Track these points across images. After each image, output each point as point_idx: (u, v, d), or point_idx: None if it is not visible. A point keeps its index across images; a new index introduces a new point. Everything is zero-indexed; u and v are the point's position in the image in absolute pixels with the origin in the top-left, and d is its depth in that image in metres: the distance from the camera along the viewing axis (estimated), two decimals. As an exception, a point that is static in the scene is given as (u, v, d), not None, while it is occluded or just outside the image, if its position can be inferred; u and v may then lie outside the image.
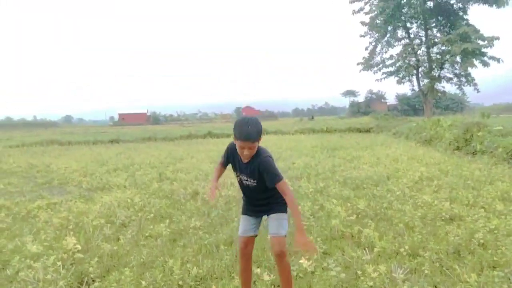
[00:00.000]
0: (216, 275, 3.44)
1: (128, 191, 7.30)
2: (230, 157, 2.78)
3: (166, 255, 3.90)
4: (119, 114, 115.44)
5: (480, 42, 26.13)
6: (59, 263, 3.61)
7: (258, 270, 3.33)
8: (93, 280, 3.43)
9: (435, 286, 3.05)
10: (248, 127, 2.47)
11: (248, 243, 2.79)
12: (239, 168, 2.72)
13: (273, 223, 2.72)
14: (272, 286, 3.13)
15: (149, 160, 12.36)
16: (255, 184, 2.67)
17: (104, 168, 10.93)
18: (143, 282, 3.19)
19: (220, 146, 17.38)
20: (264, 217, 2.88)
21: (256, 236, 2.85)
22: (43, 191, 7.77)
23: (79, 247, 3.99)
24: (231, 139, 2.83)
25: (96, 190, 7.80)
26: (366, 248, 3.85)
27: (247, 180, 2.71)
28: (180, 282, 3.26)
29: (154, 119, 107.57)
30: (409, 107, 77.12)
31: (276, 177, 2.54)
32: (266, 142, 18.58)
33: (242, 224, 2.84)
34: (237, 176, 2.78)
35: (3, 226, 5.24)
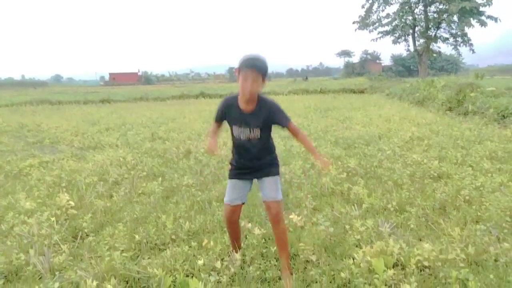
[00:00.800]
0: (208, 229, 3.52)
1: (120, 150, 7.29)
2: (226, 111, 2.61)
3: (159, 211, 3.96)
4: (110, 74, 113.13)
5: (478, 1, 25.60)
6: (53, 219, 3.66)
7: (249, 224, 3.41)
8: (87, 235, 3.50)
9: (420, 239, 3.16)
10: (256, 58, 2.41)
11: (235, 211, 2.69)
12: (239, 121, 2.55)
13: (269, 187, 2.61)
14: (263, 239, 3.21)
15: (141, 120, 12.27)
16: (259, 133, 2.55)
17: (96, 127, 10.86)
18: (137, 236, 3.26)
19: (212, 106, 17.22)
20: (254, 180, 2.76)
21: (243, 204, 2.72)
22: (34, 150, 7.74)
23: (72, 203, 4.03)
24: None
25: (88, 149, 7.79)
26: (355, 204, 3.94)
27: (249, 133, 2.55)
28: (173, 236, 3.33)
29: (146, 79, 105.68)
30: (404, 68, 76.45)
31: (288, 117, 2.57)
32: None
33: (230, 191, 2.68)
34: (236, 132, 2.60)
35: (-4, 183, 5.25)
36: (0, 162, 6.57)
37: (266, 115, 2.53)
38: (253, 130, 2.55)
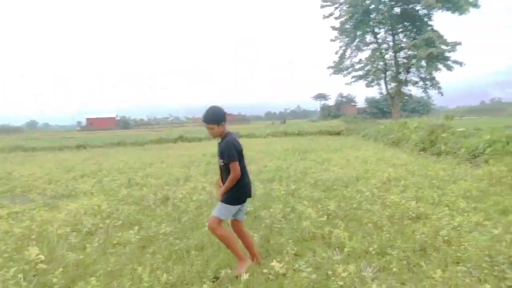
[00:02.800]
0: (186, 281, 3.37)
1: (95, 198, 7.07)
2: None
3: (135, 262, 3.79)
4: (87, 119, 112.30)
5: (444, 47, 27.32)
6: (20, 275, 3.43)
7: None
8: (56, 291, 3.28)
9: (403, 284, 3.13)
10: (205, 113, 3.47)
11: (235, 226, 3.72)
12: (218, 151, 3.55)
13: (216, 206, 3.55)
14: None
15: (118, 165, 12.05)
16: (222, 162, 3.48)
17: (71, 174, 10.56)
18: (110, 291, 3.09)
19: (191, 151, 17.20)
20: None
21: (235, 220, 3.69)
22: (4, 200, 7.41)
23: (42, 257, 3.81)
24: (203, 143, 3.61)
25: (62, 197, 7.52)
26: (337, 249, 3.89)
27: (220, 160, 3.52)
28: (149, 290, 3.17)
29: (124, 123, 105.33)
30: (377, 110, 79.26)
31: (230, 157, 3.40)
32: (238, 146, 18.54)
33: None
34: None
35: (-41, 237, 4.94)
36: (-35, 213, 6.23)
37: (221, 149, 3.50)
38: (220, 159, 3.51)
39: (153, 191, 7.38)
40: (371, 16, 30.79)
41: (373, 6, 30.25)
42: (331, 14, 31.19)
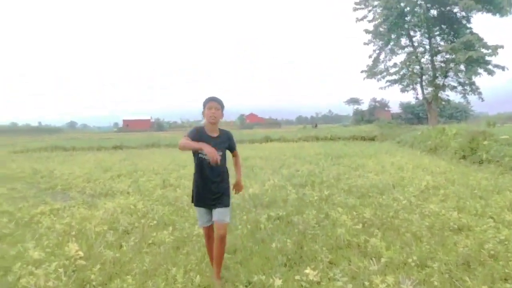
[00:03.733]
0: (220, 284, 3.36)
1: (131, 197, 7.25)
2: (197, 135, 3.24)
3: (169, 263, 3.84)
4: (124, 121, 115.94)
5: (484, 51, 26.07)
6: (61, 270, 3.56)
7: (263, 277, 3.25)
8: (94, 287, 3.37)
9: (445, 299, 2.97)
10: (214, 96, 3.33)
11: (209, 230, 3.46)
12: (208, 143, 3.14)
13: (220, 213, 3.27)
14: None
15: (153, 166, 12.33)
16: (221, 156, 3.23)
17: (108, 174, 10.91)
18: (146, 291, 3.13)
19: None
20: None
21: (213, 224, 3.37)
22: (46, 197, 7.74)
23: (81, 253, 3.94)
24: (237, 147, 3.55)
25: (99, 196, 7.76)
26: (373, 258, 3.77)
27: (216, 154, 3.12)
28: (184, 291, 3.19)
29: (158, 125, 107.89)
30: (413, 115, 76.84)
31: (235, 145, 3.52)
32: (270, 149, 18.53)
33: (200, 216, 3.45)
34: (204, 155, 3.20)
35: (6, 231, 5.21)
36: (11, 209, 6.57)
37: (227, 139, 3.41)
38: (218, 152, 3.14)
39: (186, 192, 7.48)
40: (406, 18, 29.86)
41: (408, 8, 29.35)
42: (364, 17, 30.54)
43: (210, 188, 3.30)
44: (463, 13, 28.20)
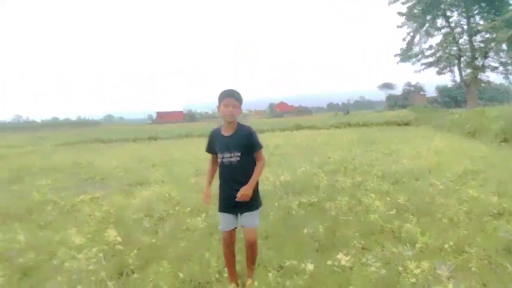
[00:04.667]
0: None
1: (166, 186, 7.46)
2: (213, 141, 3.09)
3: (203, 248, 3.93)
4: (157, 113, 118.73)
5: (529, 27, 24.46)
6: (101, 255, 3.74)
7: (295, 262, 3.28)
8: (132, 272, 3.52)
9: (484, 285, 2.88)
10: (232, 90, 2.95)
11: (230, 236, 3.09)
12: (222, 146, 3.00)
13: (248, 218, 3.03)
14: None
15: (186, 156, 12.60)
16: (239, 157, 2.95)
17: (143, 164, 11.26)
18: (181, 274, 3.23)
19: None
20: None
21: (236, 228, 3.12)
22: (86, 186, 8.11)
23: (119, 239, 4.11)
24: (265, 134, 3.13)
25: (136, 185, 8.03)
26: (408, 244, 3.69)
27: (230, 157, 2.96)
28: (217, 275, 3.27)
29: (190, 116, 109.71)
30: (450, 99, 73.62)
31: (260, 144, 3.01)
32: (301, 137, 18.40)
33: (223, 220, 3.10)
34: (220, 157, 3.01)
35: (50, 219, 5.51)
36: (55, 198, 6.92)
37: (246, 139, 2.97)
38: (234, 153, 2.96)
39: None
40: (442, -1, 28.49)
41: (444, -12, 27.97)
42: (397, -1, 29.43)
43: (234, 191, 2.95)
44: (505, -11, 26.53)
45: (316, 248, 3.82)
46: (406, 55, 30.69)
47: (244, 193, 2.89)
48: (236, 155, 2.95)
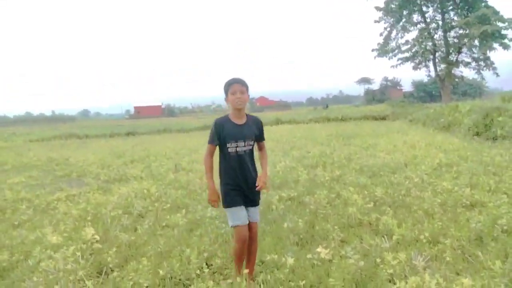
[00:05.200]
0: (233, 264, 3.43)
1: (144, 182, 7.37)
2: (221, 130, 2.90)
3: (183, 244, 3.91)
4: (135, 108, 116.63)
5: (500, 24, 25.30)
6: (78, 253, 3.66)
7: (275, 256, 3.31)
8: (111, 270, 3.47)
9: (458, 273, 2.98)
10: (237, 77, 2.91)
11: (247, 231, 2.92)
12: (236, 134, 2.87)
13: (254, 212, 3.04)
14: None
15: (165, 151, 12.45)
16: (251, 145, 2.96)
17: (121, 160, 11.07)
18: (161, 272, 3.21)
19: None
20: None
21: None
22: (62, 184, 7.92)
23: (97, 237, 4.04)
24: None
25: (114, 181, 7.90)
26: (385, 236, 3.78)
27: (244, 146, 2.90)
28: (198, 272, 3.26)
29: (169, 111, 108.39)
30: (425, 93, 75.47)
31: (264, 135, 3.12)
32: (280, 131, 18.49)
33: (239, 214, 2.88)
34: (232, 147, 2.88)
35: (25, 217, 5.36)
36: (29, 196, 6.73)
37: (257, 126, 3.01)
38: (247, 142, 2.92)
39: (198, 176, 7.56)
40: (418, -6, 29.08)
41: (421, -17, 28.56)
42: (375, -6, 29.85)
43: (247, 181, 2.92)
44: (478, -14, 27.28)
45: (296, 242, 3.87)
46: (383, 50, 31.19)
47: (264, 181, 2.92)
48: (250, 143, 2.93)
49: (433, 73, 30.90)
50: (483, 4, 26.87)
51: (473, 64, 29.07)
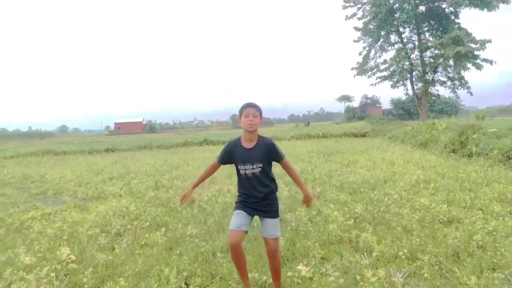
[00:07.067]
0: (213, 282, 3.38)
1: (123, 199, 7.23)
2: (229, 152, 3.07)
3: (162, 263, 3.84)
4: (115, 123, 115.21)
5: (473, 45, 26.38)
6: (53, 274, 3.54)
7: (256, 275, 3.28)
8: (87, 291, 3.36)
9: (435, 290, 3.01)
10: (252, 102, 3.03)
11: (240, 237, 2.90)
12: (244, 158, 2.99)
13: (271, 226, 3.00)
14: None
15: (145, 168, 12.28)
16: (260, 168, 2.98)
17: (100, 177, 10.84)
18: (139, 292, 3.13)
19: (216, 153, 17.26)
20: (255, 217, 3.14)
21: (247, 232, 3.02)
22: (37, 202, 7.68)
23: (73, 257, 3.92)
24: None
25: (91, 199, 7.72)
26: (365, 253, 3.81)
27: (252, 168, 2.97)
28: (176, 291, 3.19)
29: (150, 127, 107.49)
30: (403, 111, 77.45)
31: (282, 154, 3.07)
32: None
33: (236, 219, 2.96)
34: (241, 169, 3.00)
35: (-4, 237, 5.15)
36: (1, 215, 6.50)
37: (266, 150, 3.01)
38: (255, 165, 2.97)
39: (179, 193, 7.46)
40: (395, 15, 30.08)
41: (397, 5, 29.58)
42: (354, 15, 30.74)
43: (256, 196, 3.02)
44: (451, 9, 28.46)
45: (277, 259, 3.84)
46: (362, 68, 31.96)
47: (308, 203, 3.27)
48: (259, 166, 2.99)
49: (410, 91, 31.78)
50: (456, 26, 28.01)
51: (449, 83, 30.07)
